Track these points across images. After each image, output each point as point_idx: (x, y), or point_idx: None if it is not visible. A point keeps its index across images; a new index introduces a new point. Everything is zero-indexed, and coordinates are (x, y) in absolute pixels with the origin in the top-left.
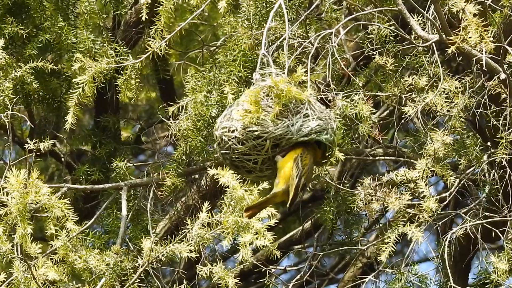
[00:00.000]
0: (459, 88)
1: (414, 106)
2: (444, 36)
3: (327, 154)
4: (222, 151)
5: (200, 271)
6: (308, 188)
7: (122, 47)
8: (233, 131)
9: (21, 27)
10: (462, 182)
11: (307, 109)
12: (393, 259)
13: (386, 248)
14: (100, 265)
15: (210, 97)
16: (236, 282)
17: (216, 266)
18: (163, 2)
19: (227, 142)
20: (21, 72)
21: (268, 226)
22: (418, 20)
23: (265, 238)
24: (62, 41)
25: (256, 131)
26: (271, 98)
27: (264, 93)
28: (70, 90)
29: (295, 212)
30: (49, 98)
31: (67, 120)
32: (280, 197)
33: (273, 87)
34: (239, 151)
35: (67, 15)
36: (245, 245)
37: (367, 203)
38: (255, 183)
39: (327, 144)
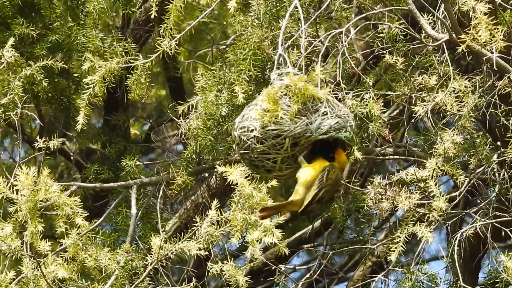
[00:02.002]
0: (469, 87)
1: (424, 105)
2: (454, 35)
3: (345, 153)
4: (241, 151)
5: (210, 269)
6: (324, 201)
7: (131, 46)
8: (252, 130)
9: (31, 28)
10: (472, 181)
11: (325, 107)
12: (403, 259)
13: (395, 247)
14: (110, 263)
15: (220, 96)
16: (246, 280)
17: (226, 263)
18: (172, 0)
19: (246, 141)
20: (31, 71)
21: (277, 224)
22: (428, 19)
23: (273, 236)
24: (71, 41)
25: (275, 130)
26: (289, 97)
27: (282, 92)
28: (80, 90)
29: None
30: (58, 97)
31: (76, 119)
32: (298, 206)
33: (291, 86)
34: (258, 150)
35: (77, 14)
36: (254, 243)
37: (377, 202)
38: (264, 181)
39: (345, 142)
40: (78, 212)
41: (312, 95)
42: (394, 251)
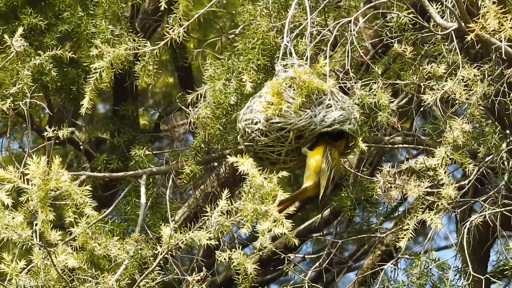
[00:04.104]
0: (478, 76)
1: (433, 94)
2: (462, 24)
3: (350, 144)
4: (245, 143)
5: (219, 257)
6: (336, 180)
7: (140, 38)
8: (256, 123)
9: (40, 18)
10: (481, 170)
11: (329, 100)
12: (412, 247)
13: (405, 234)
14: (120, 253)
15: (229, 85)
16: (255, 268)
17: (235, 252)
18: None
19: (250, 134)
20: (40, 60)
21: (287, 214)
22: (437, 8)
23: (283, 226)
24: (81, 31)
25: (279, 122)
26: (294, 90)
27: (286, 84)
28: (88, 78)
29: (314, 200)
30: (67, 87)
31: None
32: (311, 190)
33: (295, 78)
34: (263, 143)
35: (86, 4)
36: (264, 233)
37: (386, 190)
38: (275, 171)
39: (350, 134)
40: (87, 202)
41: (317, 87)
42: (403, 238)
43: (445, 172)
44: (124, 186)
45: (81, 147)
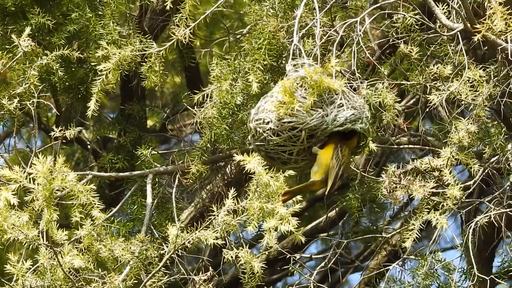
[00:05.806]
0: (484, 77)
1: (439, 94)
2: (469, 25)
3: (361, 144)
4: (257, 143)
5: (226, 255)
6: (344, 178)
7: (148, 39)
8: (267, 122)
9: (48, 18)
10: (486, 170)
11: (341, 99)
12: (419, 247)
13: (410, 234)
14: (125, 254)
15: (235, 85)
16: (262, 267)
17: (242, 250)
18: None
19: (262, 133)
20: (47, 60)
21: (294, 212)
22: (443, 9)
23: (289, 224)
24: (89, 31)
25: (291, 122)
26: (305, 89)
27: (297, 83)
28: (95, 78)
29: (322, 199)
30: (75, 87)
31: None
32: (318, 185)
33: (306, 77)
34: (274, 142)
35: (94, 5)
36: (270, 231)
37: (392, 191)
38: (281, 170)
39: (361, 133)
40: (95, 203)
41: (328, 87)
42: (408, 238)
43: (450, 173)
44: (130, 185)
45: (88, 146)
